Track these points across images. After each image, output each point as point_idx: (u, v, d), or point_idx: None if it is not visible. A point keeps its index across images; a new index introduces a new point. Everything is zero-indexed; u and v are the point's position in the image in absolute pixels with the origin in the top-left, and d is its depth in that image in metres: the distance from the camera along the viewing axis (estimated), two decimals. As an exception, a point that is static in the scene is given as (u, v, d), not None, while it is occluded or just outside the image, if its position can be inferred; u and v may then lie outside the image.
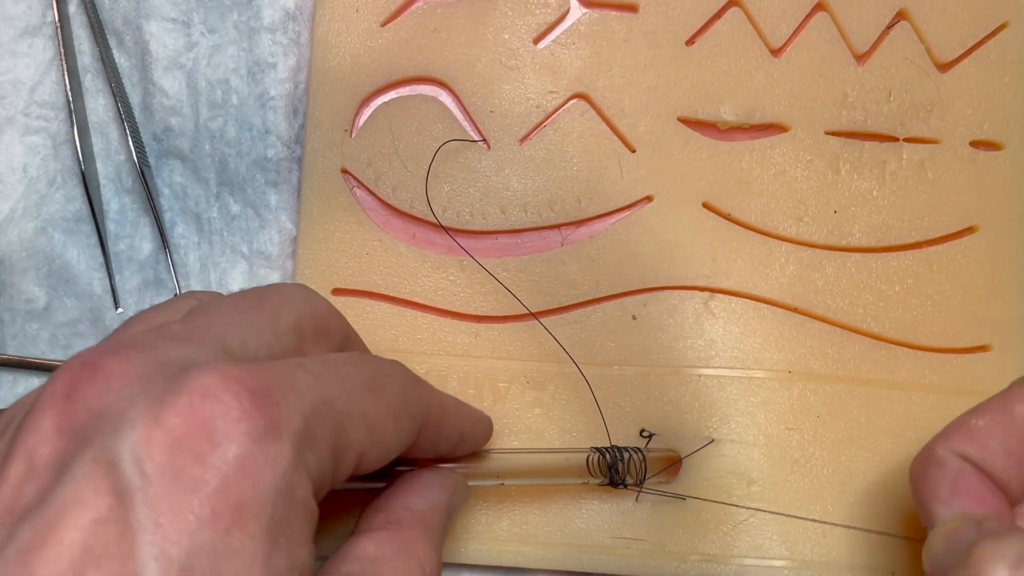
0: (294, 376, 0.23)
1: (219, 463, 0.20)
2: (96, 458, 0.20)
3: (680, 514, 0.34)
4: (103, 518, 0.19)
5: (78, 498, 0.20)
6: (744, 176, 0.36)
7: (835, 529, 0.34)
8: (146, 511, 0.19)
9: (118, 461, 0.20)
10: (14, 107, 0.37)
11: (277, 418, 0.21)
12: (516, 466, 0.32)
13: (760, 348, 0.35)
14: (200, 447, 0.20)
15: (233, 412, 0.21)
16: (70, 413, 0.21)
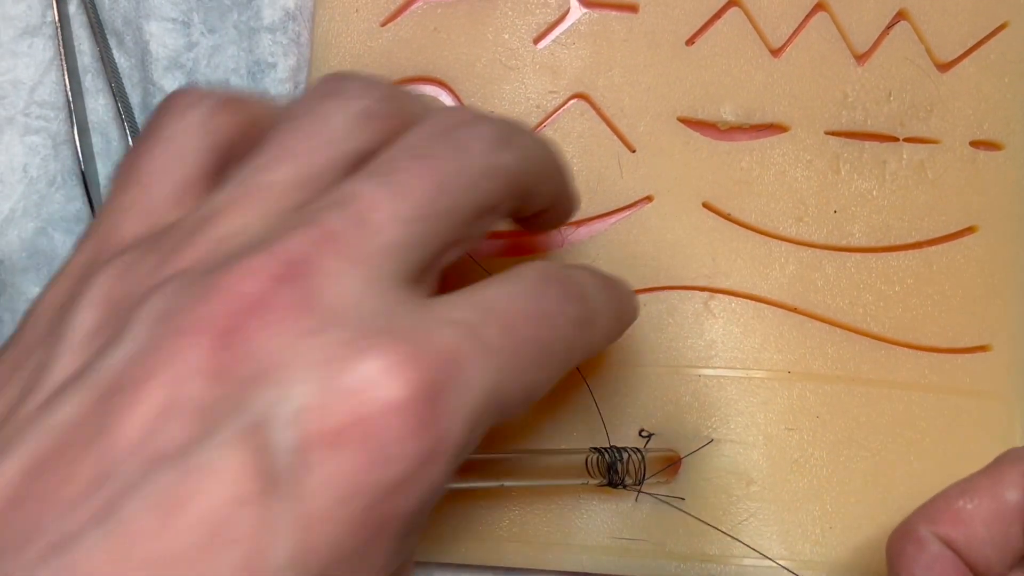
0: (467, 361, 0.20)
1: (382, 481, 0.19)
2: (250, 430, 0.18)
3: (679, 514, 0.34)
4: (245, 500, 0.18)
5: (224, 468, 0.18)
6: (744, 176, 0.36)
7: (835, 529, 0.34)
8: (294, 509, 0.18)
9: (273, 443, 0.18)
10: (14, 107, 0.37)
11: (442, 434, 0.19)
12: (516, 468, 0.32)
13: (760, 348, 0.35)
14: (366, 459, 0.19)
15: (407, 428, 0.19)
16: (226, 359, 0.19)
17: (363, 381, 0.19)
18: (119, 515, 0.18)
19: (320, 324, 0.19)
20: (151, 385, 0.19)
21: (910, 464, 0.35)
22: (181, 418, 0.19)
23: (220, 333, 0.19)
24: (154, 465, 0.18)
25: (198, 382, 0.19)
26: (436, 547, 0.34)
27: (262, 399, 0.19)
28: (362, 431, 0.19)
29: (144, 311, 0.20)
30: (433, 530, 0.34)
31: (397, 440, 0.19)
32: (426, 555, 0.34)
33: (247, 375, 0.19)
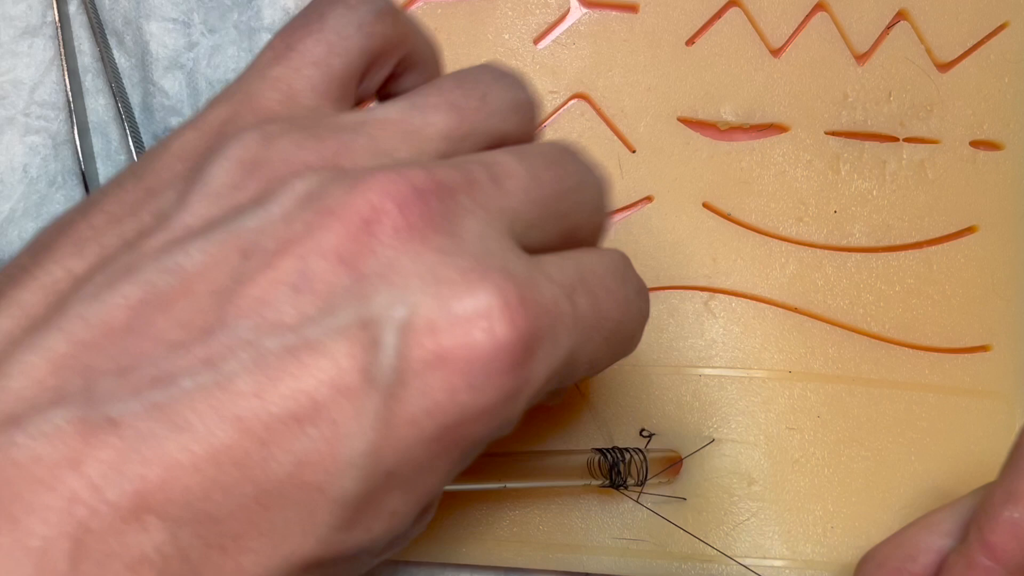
0: (561, 321, 0.22)
1: (468, 405, 0.20)
2: (364, 323, 0.19)
3: (681, 514, 0.34)
4: (345, 388, 0.19)
5: (332, 353, 0.19)
6: (744, 176, 0.36)
7: (836, 529, 0.34)
8: (384, 409, 0.19)
9: (382, 343, 0.19)
10: (14, 107, 0.37)
11: (528, 378, 0.21)
12: (518, 469, 0.32)
13: (760, 348, 0.35)
14: (459, 382, 0.20)
15: (502, 364, 0.20)
16: (361, 250, 0.20)
17: (477, 312, 0.20)
18: (223, 368, 0.19)
19: (448, 246, 0.21)
20: (286, 254, 0.20)
21: (911, 464, 0.35)
22: (305, 293, 0.20)
23: (361, 223, 0.20)
24: (269, 330, 0.19)
25: (329, 263, 0.20)
26: (437, 547, 0.34)
27: (382, 298, 0.20)
28: (464, 356, 0.20)
29: (295, 185, 0.21)
30: (434, 530, 0.34)
31: (491, 374, 0.20)
32: (427, 555, 0.34)
33: (373, 270, 0.20)
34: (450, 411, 0.20)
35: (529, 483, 0.32)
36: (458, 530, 0.34)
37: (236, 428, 0.19)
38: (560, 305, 0.22)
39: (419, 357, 0.19)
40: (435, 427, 0.20)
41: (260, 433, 0.19)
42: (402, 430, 0.20)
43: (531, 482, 0.32)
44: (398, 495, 0.21)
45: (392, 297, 0.20)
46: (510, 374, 0.20)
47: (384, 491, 0.20)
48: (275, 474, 0.19)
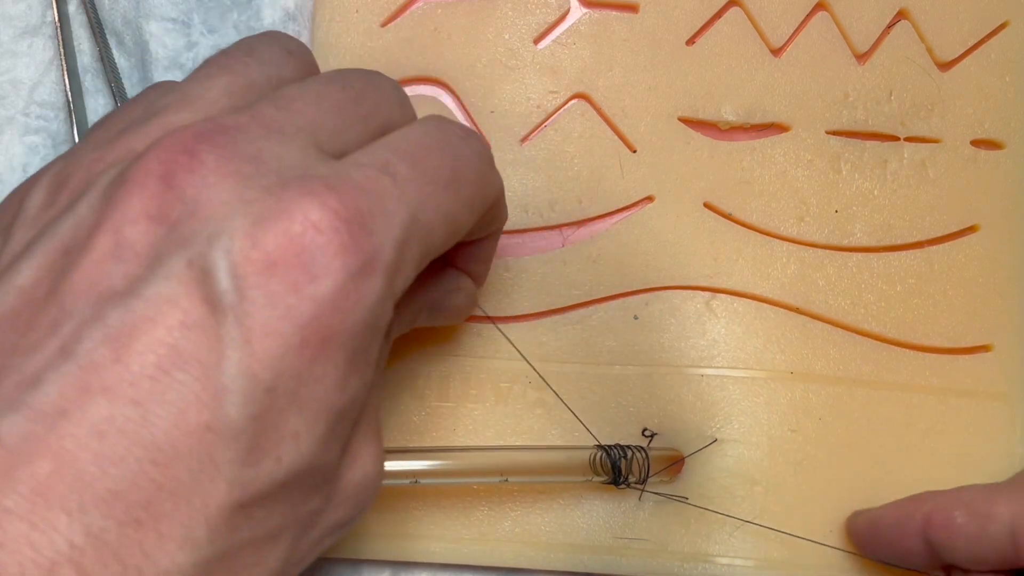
0: (384, 192, 0.22)
1: (315, 295, 0.20)
2: (191, 262, 0.20)
3: (683, 514, 0.34)
4: (195, 324, 0.20)
5: (171, 298, 0.20)
6: (745, 176, 0.36)
7: (837, 531, 0.34)
8: (238, 328, 0.20)
9: (213, 271, 0.20)
10: (14, 107, 0.37)
11: (372, 251, 0.21)
12: (519, 463, 0.32)
13: (762, 348, 0.35)
14: (297, 277, 0.20)
15: (332, 246, 0.21)
16: (165, 202, 0.21)
17: (290, 212, 0.21)
18: (78, 350, 0.20)
19: (248, 171, 0.21)
20: (99, 233, 0.21)
21: (912, 465, 0.35)
22: (128, 258, 0.21)
23: (157, 180, 0.21)
24: (106, 302, 0.20)
25: (141, 225, 0.21)
26: (439, 548, 0.34)
27: (200, 234, 0.20)
28: (292, 252, 0.20)
29: (98, 182, 0.22)
30: (435, 531, 0.34)
31: (326, 256, 0.21)
32: (429, 556, 0.34)
33: (184, 214, 0.21)
34: (302, 307, 0.20)
35: (531, 478, 0.32)
36: (460, 531, 0.34)
37: (107, 398, 0.19)
38: (375, 180, 0.22)
39: (252, 270, 0.20)
40: (294, 328, 0.20)
41: (131, 394, 0.19)
42: (263, 342, 0.20)
43: (533, 477, 0.32)
44: (293, 414, 0.21)
45: (209, 230, 0.20)
46: (346, 251, 0.21)
47: (274, 411, 0.20)
48: (160, 428, 0.19)
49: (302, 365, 0.21)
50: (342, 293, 0.21)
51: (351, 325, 0.21)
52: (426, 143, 0.25)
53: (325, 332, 0.21)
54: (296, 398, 0.21)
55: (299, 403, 0.21)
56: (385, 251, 0.22)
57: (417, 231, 0.23)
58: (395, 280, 0.22)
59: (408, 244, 0.22)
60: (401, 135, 0.25)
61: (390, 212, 0.22)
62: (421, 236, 0.23)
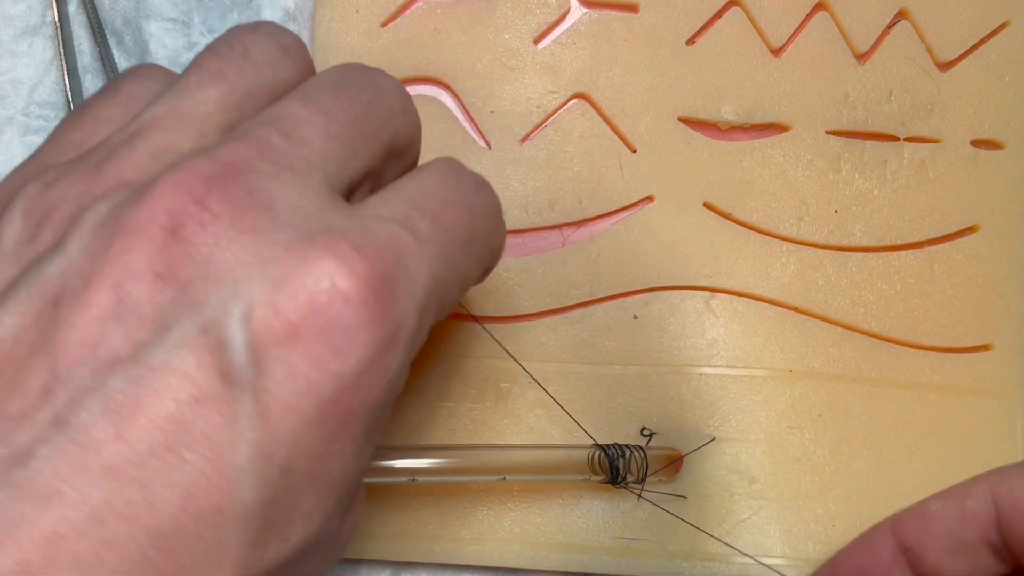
0: (408, 253, 0.21)
1: (340, 371, 0.19)
2: (205, 329, 0.18)
3: (681, 513, 0.34)
4: (207, 399, 0.18)
5: (181, 368, 0.18)
6: (745, 176, 0.36)
7: (837, 527, 0.34)
8: (256, 406, 0.18)
9: (229, 341, 0.18)
10: (14, 107, 0.37)
11: (398, 322, 0.20)
12: (518, 462, 0.32)
13: (761, 347, 0.35)
14: (322, 351, 0.19)
15: (360, 318, 0.19)
16: (174, 258, 0.19)
17: (314, 276, 0.19)
18: (75, 422, 0.18)
19: (264, 223, 0.20)
20: (97, 288, 0.19)
21: (912, 463, 0.35)
22: (132, 320, 0.19)
23: (164, 232, 0.19)
24: (107, 369, 0.18)
25: (147, 283, 0.19)
26: (439, 548, 0.34)
27: (214, 298, 0.19)
28: (318, 324, 0.19)
29: (86, 219, 0.20)
30: (435, 531, 0.34)
31: (353, 330, 0.19)
32: (429, 556, 0.34)
33: (195, 275, 0.19)
34: (323, 384, 0.19)
35: (529, 477, 0.32)
36: (460, 531, 0.34)
37: (108, 480, 0.17)
38: (399, 237, 0.21)
39: (272, 341, 0.19)
40: (314, 406, 0.19)
41: (135, 475, 0.18)
42: (282, 421, 0.19)
43: (530, 476, 0.32)
44: (305, 492, 0.20)
45: (223, 293, 0.19)
46: (374, 322, 0.19)
47: (288, 492, 0.19)
48: (165, 513, 0.18)
49: (320, 444, 0.19)
50: (369, 370, 0.19)
51: (372, 400, 0.20)
52: (444, 197, 0.23)
53: (347, 409, 0.19)
54: (311, 477, 0.19)
55: (314, 481, 0.20)
56: (408, 320, 0.20)
57: (435, 292, 0.22)
58: (414, 347, 0.21)
59: (427, 308, 0.21)
60: (419, 185, 0.23)
61: (414, 276, 0.21)
62: (439, 298, 0.22)
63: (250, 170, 0.20)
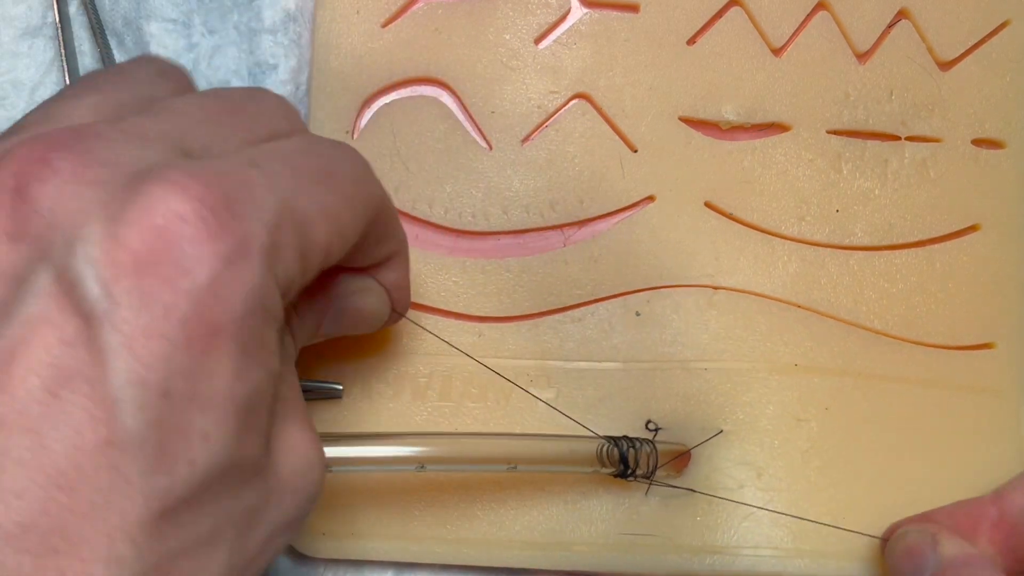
0: (251, 181, 0.22)
1: (191, 288, 0.20)
2: (58, 276, 0.19)
3: (689, 508, 0.34)
4: (72, 339, 0.19)
5: (44, 317, 0.19)
6: (746, 175, 0.36)
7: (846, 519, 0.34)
8: (117, 335, 0.19)
9: (82, 280, 0.19)
10: (15, 108, 0.37)
11: (244, 235, 0.21)
12: (527, 452, 0.32)
13: (765, 341, 0.35)
14: (170, 271, 0.20)
15: (201, 234, 0.20)
16: (21, 216, 0.20)
17: (151, 204, 0.20)
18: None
19: (105, 174, 0.21)
20: None
21: (916, 458, 0.35)
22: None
23: (11, 193, 0.20)
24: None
25: (3, 246, 0.20)
26: (442, 549, 0.34)
27: (60, 243, 0.20)
28: (159, 247, 0.20)
29: None
30: (438, 532, 0.34)
31: (194, 246, 0.20)
32: (432, 557, 0.34)
33: (43, 227, 0.20)
34: (179, 303, 0.20)
35: (538, 467, 0.32)
36: (462, 532, 0.34)
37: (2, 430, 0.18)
38: (242, 170, 0.22)
39: (120, 272, 0.19)
40: (176, 325, 0.20)
41: (22, 423, 0.19)
42: (147, 345, 0.19)
43: (540, 466, 0.32)
44: (196, 413, 0.20)
45: (69, 237, 0.20)
46: (215, 238, 0.20)
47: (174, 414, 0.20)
48: (58, 452, 0.19)
49: (193, 362, 0.20)
50: (220, 281, 0.20)
51: (236, 312, 0.20)
52: (295, 147, 0.24)
53: (210, 324, 0.20)
54: (195, 397, 0.20)
55: (200, 401, 0.20)
56: (257, 233, 0.21)
57: (292, 218, 0.22)
58: (275, 263, 0.22)
59: (283, 228, 0.22)
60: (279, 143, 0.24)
61: (258, 197, 0.21)
62: (297, 224, 0.22)
63: (97, 135, 0.21)
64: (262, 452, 0.22)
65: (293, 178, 0.23)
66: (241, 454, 0.21)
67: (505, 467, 0.31)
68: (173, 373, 0.20)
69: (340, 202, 0.24)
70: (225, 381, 0.20)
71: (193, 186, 0.20)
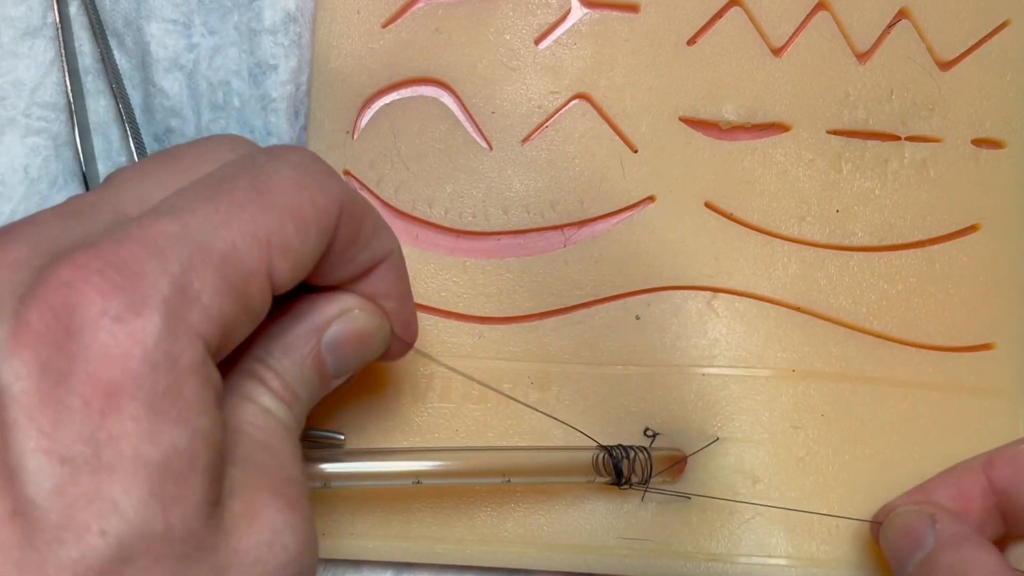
0: (156, 231, 0.21)
1: (80, 350, 0.19)
2: None
3: (685, 513, 0.34)
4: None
5: None
6: (746, 176, 0.36)
7: (841, 526, 0.34)
8: (18, 409, 0.19)
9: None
10: (15, 108, 0.37)
11: (138, 290, 0.20)
12: (522, 464, 0.32)
13: (764, 346, 0.35)
14: (61, 338, 0.20)
15: (88, 296, 0.20)
16: None
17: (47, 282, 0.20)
18: None
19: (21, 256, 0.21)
20: None
21: (915, 462, 0.35)
22: None
23: None
24: None
25: None
26: (442, 549, 0.34)
27: None
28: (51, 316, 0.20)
29: None
30: (438, 532, 0.34)
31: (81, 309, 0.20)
32: (432, 557, 0.34)
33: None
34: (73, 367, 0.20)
35: (533, 479, 0.32)
36: (463, 531, 0.34)
37: None
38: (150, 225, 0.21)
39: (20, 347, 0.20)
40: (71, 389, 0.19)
41: None
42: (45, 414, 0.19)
43: (535, 478, 0.32)
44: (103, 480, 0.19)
45: None
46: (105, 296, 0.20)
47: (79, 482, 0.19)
48: None
49: (93, 426, 0.19)
50: (110, 340, 0.20)
51: (133, 370, 0.20)
52: (222, 175, 0.23)
53: (104, 385, 0.19)
54: (100, 462, 0.19)
55: (105, 467, 0.19)
56: (157, 285, 0.20)
57: (205, 257, 0.21)
58: (183, 311, 0.21)
59: (193, 272, 0.21)
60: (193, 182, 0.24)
61: (163, 247, 0.21)
62: (218, 261, 0.22)
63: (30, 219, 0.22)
64: (200, 523, 0.21)
65: (211, 211, 0.22)
66: (167, 524, 0.20)
67: (500, 479, 0.32)
68: (72, 439, 0.19)
69: (277, 218, 0.23)
70: (132, 444, 0.20)
71: (87, 256, 0.20)
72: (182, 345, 0.21)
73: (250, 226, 0.22)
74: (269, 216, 0.23)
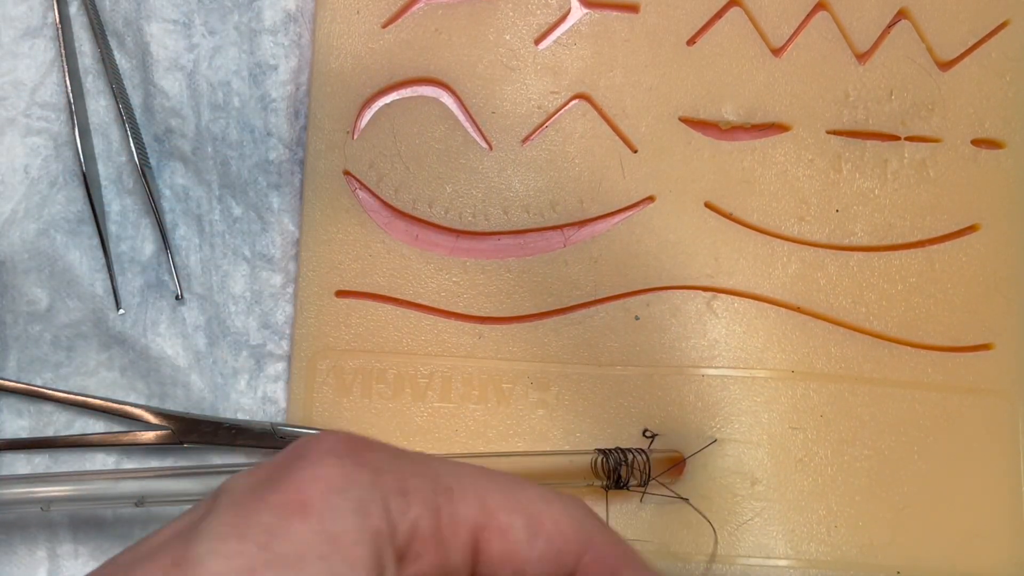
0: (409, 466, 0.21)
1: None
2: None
3: (684, 515, 0.34)
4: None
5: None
6: (746, 176, 0.36)
7: (840, 528, 0.34)
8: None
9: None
10: (15, 108, 0.37)
11: (364, 457, 0.21)
12: (520, 468, 0.32)
13: (763, 348, 0.35)
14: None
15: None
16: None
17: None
18: None
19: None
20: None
21: (914, 462, 0.35)
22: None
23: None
24: None
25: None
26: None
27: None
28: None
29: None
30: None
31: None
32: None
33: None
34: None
35: None
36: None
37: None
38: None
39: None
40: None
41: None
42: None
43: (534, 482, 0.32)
44: None
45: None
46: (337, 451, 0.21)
47: None
48: None
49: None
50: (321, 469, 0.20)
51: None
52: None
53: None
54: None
55: None
56: (379, 460, 0.21)
57: (436, 480, 0.22)
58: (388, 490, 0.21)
59: (415, 475, 0.22)
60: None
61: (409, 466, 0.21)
62: (441, 486, 0.22)
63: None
64: None
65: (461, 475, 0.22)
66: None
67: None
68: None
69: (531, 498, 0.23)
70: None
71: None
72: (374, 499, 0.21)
73: (497, 491, 0.23)
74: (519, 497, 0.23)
